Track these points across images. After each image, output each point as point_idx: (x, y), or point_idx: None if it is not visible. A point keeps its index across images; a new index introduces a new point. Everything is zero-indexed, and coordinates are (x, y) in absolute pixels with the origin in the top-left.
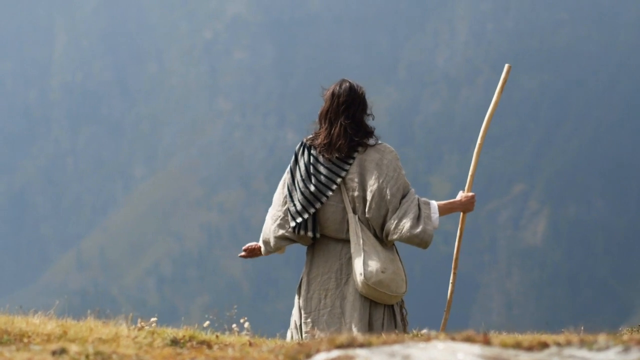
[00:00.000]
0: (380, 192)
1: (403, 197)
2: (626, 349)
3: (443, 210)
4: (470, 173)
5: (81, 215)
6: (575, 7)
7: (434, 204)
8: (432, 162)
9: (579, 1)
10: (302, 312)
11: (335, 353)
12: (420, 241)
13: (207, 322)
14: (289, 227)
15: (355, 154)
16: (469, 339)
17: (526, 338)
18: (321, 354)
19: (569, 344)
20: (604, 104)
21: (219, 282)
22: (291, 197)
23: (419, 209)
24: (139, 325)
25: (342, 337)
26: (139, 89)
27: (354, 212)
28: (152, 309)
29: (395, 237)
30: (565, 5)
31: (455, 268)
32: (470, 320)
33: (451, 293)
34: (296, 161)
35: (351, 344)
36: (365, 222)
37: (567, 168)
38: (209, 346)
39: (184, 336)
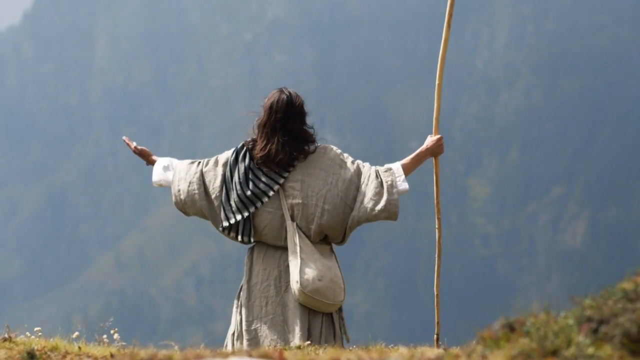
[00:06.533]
0: (332, 194)
1: (360, 183)
2: None
3: (411, 165)
4: (434, 116)
5: (121, 215)
6: (616, 10)
7: (397, 166)
8: (471, 164)
9: (619, 3)
10: (244, 320)
11: None
12: (388, 214)
13: (77, 334)
14: (220, 224)
15: (296, 162)
16: (265, 356)
17: (321, 356)
18: None
19: None
20: None
21: None
22: (227, 195)
23: (380, 180)
24: (5, 335)
25: (144, 352)
26: (179, 91)
27: (293, 219)
28: (191, 310)
29: (369, 217)
30: (605, 7)
31: (438, 213)
32: None
33: (439, 238)
34: (236, 161)
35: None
36: (306, 229)
37: (606, 171)
38: (64, 357)
39: (44, 347)
